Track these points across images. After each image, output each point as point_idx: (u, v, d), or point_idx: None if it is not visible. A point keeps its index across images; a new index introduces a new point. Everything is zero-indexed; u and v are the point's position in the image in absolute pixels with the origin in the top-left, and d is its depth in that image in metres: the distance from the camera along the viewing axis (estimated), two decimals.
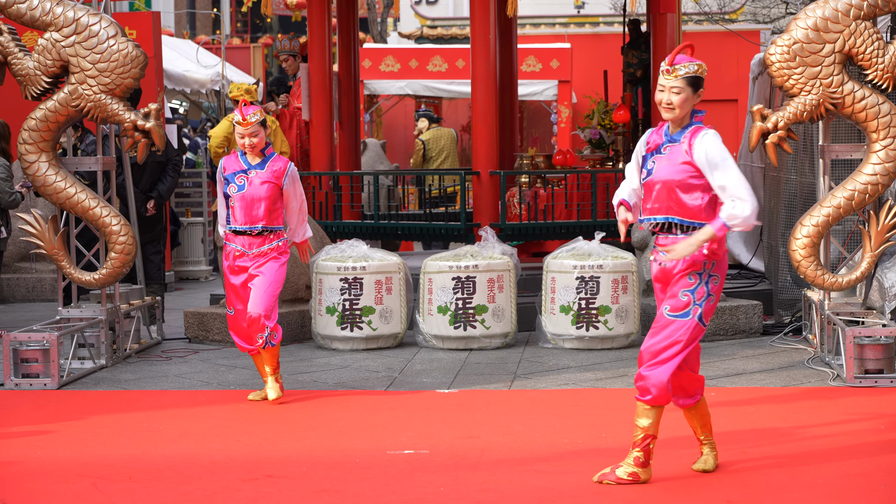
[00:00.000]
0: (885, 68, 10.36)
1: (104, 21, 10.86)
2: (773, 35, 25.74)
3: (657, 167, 7.13)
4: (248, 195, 9.69)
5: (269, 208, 9.72)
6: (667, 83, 7.08)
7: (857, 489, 7.02)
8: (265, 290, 9.64)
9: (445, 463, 7.80)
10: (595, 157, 16.09)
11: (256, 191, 9.68)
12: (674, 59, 7.09)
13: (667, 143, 7.15)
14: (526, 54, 24.28)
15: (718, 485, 7.18)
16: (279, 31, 41.12)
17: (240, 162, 9.81)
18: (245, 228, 9.71)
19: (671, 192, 7.11)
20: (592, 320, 11.90)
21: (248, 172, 9.75)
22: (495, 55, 13.82)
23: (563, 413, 9.21)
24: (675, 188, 7.09)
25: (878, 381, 10.01)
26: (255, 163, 9.78)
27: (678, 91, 7.06)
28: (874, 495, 6.92)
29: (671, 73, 7.06)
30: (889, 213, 10.50)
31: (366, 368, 11.19)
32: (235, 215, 9.75)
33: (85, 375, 11.01)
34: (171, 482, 7.47)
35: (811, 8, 10.44)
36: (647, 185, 7.21)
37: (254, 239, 9.72)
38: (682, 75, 7.06)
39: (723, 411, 9.11)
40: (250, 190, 9.69)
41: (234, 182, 9.75)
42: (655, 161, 7.15)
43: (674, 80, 7.06)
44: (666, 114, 7.12)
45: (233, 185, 9.75)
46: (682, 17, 15.81)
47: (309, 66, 15.52)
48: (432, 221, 14.70)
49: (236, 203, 9.73)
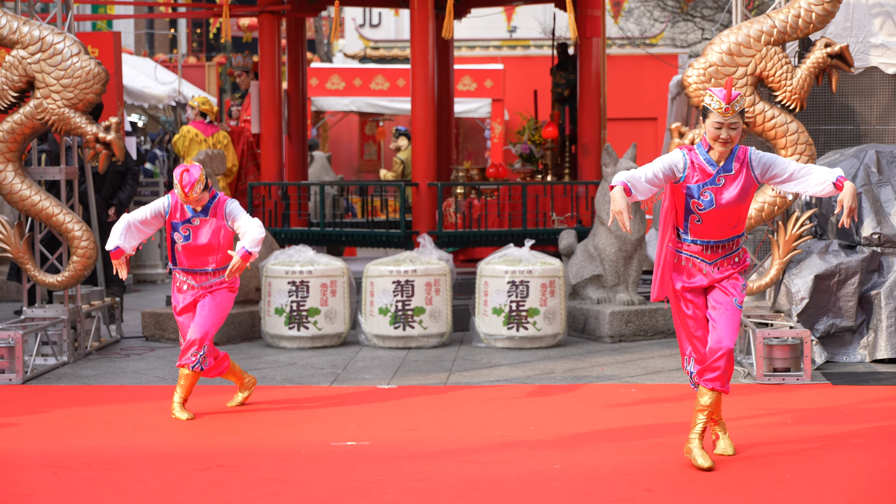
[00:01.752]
0: (793, 90, 10.44)
1: (68, 40, 10.79)
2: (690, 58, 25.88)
3: (721, 198, 7.07)
4: (193, 246, 8.86)
5: (217, 251, 8.92)
6: (725, 120, 6.96)
7: (764, 478, 7.06)
8: (208, 315, 8.89)
9: (385, 454, 7.78)
10: (525, 171, 16.12)
11: (202, 240, 8.84)
12: (731, 97, 6.97)
13: (720, 174, 7.07)
14: (462, 74, 24.34)
15: (639, 474, 7.20)
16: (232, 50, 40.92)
17: (185, 210, 8.87)
18: (194, 270, 8.98)
19: (742, 216, 7.20)
20: (522, 321, 11.92)
21: (193, 221, 8.86)
22: (433, 75, 13.82)
23: (494, 407, 9.21)
24: (744, 212, 7.19)
25: (786, 378, 10.08)
26: (199, 210, 8.86)
27: (736, 126, 7.00)
28: (781, 484, 6.95)
29: (729, 111, 6.95)
30: (796, 223, 10.59)
31: (311, 365, 11.16)
32: (181, 260, 8.97)
33: (48, 371, 10.92)
34: (129, 471, 7.42)
35: (725, 34, 10.51)
36: (709, 215, 7.12)
37: (203, 276, 8.97)
38: (738, 111, 6.99)
39: (642, 407, 9.16)
40: (196, 240, 8.84)
41: (179, 231, 8.87)
42: (712, 192, 7.07)
43: (732, 118, 6.97)
44: (721, 147, 7.03)
45: (178, 235, 8.87)
46: (606, 41, 15.88)
47: (260, 83, 15.50)
48: (374, 229, 14.68)
49: (182, 251, 8.93)
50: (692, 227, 7.23)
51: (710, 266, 7.27)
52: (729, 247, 7.28)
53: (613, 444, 7.89)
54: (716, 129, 7.01)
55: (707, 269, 7.26)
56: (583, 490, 6.93)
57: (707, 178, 7.09)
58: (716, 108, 6.98)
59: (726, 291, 7.28)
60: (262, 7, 15.40)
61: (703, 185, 7.08)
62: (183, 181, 8.64)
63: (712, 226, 7.18)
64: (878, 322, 10.95)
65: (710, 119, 7.03)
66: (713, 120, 7.00)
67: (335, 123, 26.33)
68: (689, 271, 7.32)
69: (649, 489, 6.91)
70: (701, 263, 7.27)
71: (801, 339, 10.20)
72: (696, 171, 7.10)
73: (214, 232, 8.87)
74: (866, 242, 11.10)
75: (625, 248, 12.45)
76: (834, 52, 10.48)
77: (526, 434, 8.29)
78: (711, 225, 7.18)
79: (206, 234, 8.86)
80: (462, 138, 26.23)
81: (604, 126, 15.27)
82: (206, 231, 8.87)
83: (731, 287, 7.29)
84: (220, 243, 8.91)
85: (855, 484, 6.99)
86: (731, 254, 7.28)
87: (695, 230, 7.22)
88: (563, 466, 7.41)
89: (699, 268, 7.27)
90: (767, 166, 7.13)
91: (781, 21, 10.41)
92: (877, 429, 8.36)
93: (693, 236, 7.24)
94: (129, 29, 34.23)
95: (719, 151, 7.07)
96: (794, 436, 8.13)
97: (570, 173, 15.82)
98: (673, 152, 7.23)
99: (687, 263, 7.31)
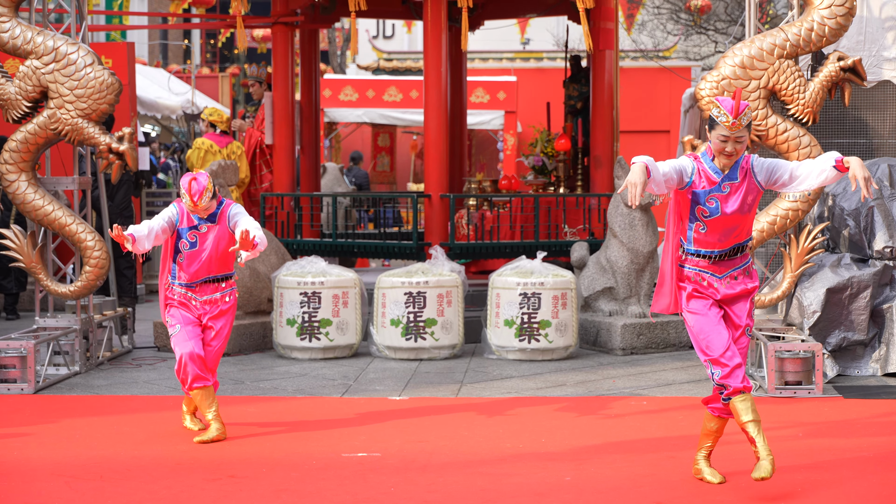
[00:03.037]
0: (805, 103, 10.45)
1: (82, 50, 10.83)
2: (703, 71, 25.87)
3: (726, 206, 6.98)
4: (200, 252, 8.62)
5: (221, 259, 8.69)
6: (731, 134, 6.86)
7: (774, 491, 7.05)
8: (215, 352, 8.75)
9: (396, 465, 7.79)
10: (538, 183, 16.12)
11: (208, 247, 8.60)
12: (739, 111, 6.87)
13: (725, 182, 6.99)
14: (475, 86, 24.36)
15: (649, 486, 7.20)
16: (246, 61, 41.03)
17: (191, 216, 8.67)
18: (193, 283, 8.70)
19: (747, 223, 7.09)
20: (534, 333, 11.92)
21: (200, 227, 8.63)
22: (446, 87, 13.83)
23: (505, 419, 9.21)
24: (750, 219, 7.09)
25: (797, 391, 10.07)
26: (205, 216, 8.64)
27: (742, 140, 6.91)
28: (792, 497, 6.94)
29: (736, 125, 6.85)
30: (808, 237, 10.59)
31: (323, 377, 11.16)
32: (184, 270, 8.68)
33: (60, 381, 10.94)
34: (140, 481, 7.43)
35: (738, 47, 10.52)
36: (714, 223, 7.03)
37: (202, 287, 8.72)
38: (745, 124, 6.89)
39: (654, 418, 9.15)
40: (203, 246, 8.61)
41: (185, 238, 8.63)
42: (718, 200, 6.98)
43: (739, 131, 6.87)
44: (725, 160, 6.96)
45: (184, 242, 8.62)
46: (619, 54, 15.88)
47: (273, 94, 15.53)
48: (386, 241, 14.69)
49: (185, 260, 8.65)
50: (696, 237, 7.10)
51: (720, 280, 7.12)
52: (736, 259, 7.15)
53: (624, 457, 7.88)
54: (721, 141, 6.92)
55: (717, 283, 7.12)
56: (593, 502, 6.93)
57: (713, 186, 7.00)
58: (723, 121, 6.86)
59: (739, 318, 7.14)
60: (276, 18, 15.43)
61: (708, 191, 7.00)
62: (192, 190, 8.47)
63: (717, 234, 7.05)
64: (890, 335, 10.94)
65: (716, 131, 6.93)
66: (719, 133, 6.90)
67: (348, 135, 26.37)
68: (698, 283, 7.17)
69: (659, 502, 6.91)
70: (710, 278, 7.12)
71: (813, 352, 10.19)
72: (703, 179, 7.04)
73: (219, 238, 8.63)
74: (878, 256, 11.09)
75: (637, 260, 12.45)
76: (847, 65, 10.49)
77: (537, 446, 8.29)
78: (716, 233, 7.05)
79: (211, 241, 8.63)
80: (475, 150, 26.25)
81: (616, 138, 15.28)
82: (212, 238, 8.63)
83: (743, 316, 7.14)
84: (224, 251, 8.67)
85: (866, 498, 6.99)
86: (739, 267, 7.16)
87: (699, 240, 7.09)
88: (574, 479, 7.41)
89: (709, 282, 7.16)
90: (770, 171, 7.05)
91: (794, 34, 10.41)
92: (888, 442, 8.35)
93: (697, 246, 7.10)
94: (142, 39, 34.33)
95: (723, 162, 7.02)
96: (806, 449, 8.12)
97: (583, 185, 15.82)
98: (682, 158, 7.18)
99: (696, 278, 7.16)
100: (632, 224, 12.41)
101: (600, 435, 8.61)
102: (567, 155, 15.98)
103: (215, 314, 8.74)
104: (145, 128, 24.60)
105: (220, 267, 8.72)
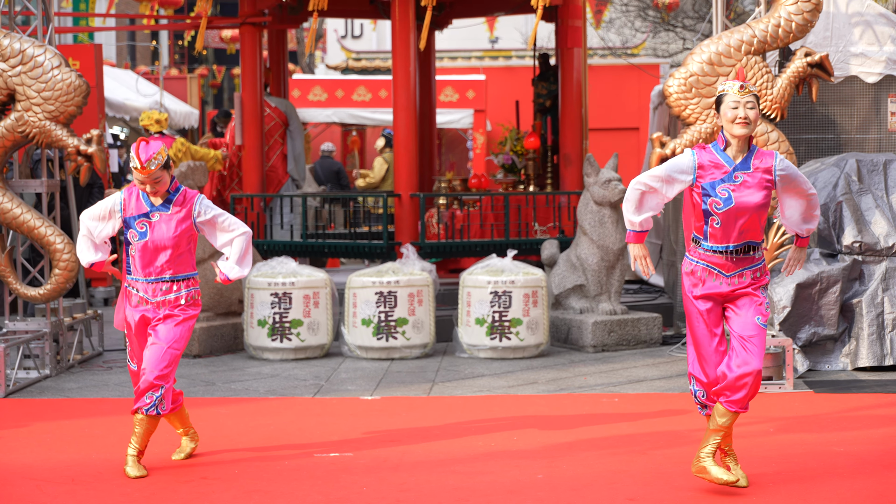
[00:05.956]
0: (773, 99, 10.49)
1: (49, 52, 10.79)
2: (671, 68, 25.96)
3: (739, 196, 6.88)
4: (150, 244, 7.54)
5: (177, 255, 7.59)
6: (741, 99, 6.85)
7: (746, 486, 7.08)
8: (167, 352, 7.56)
9: (368, 465, 7.79)
10: (508, 181, 16.14)
11: (160, 238, 7.53)
12: (743, 76, 6.95)
13: (738, 171, 6.90)
14: (444, 85, 24.39)
15: (621, 483, 7.22)
16: (214, 62, 40.98)
17: (141, 203, 7.62)
18: (147, 280, 7.63)
19: (761, 218, 6.96)
20: (505, 332, 11.93)
21: (151, 216, 7.56)
22: (415, 86, 13.84)
23: (477, 418, 9.22)
24: (763, 214, 6.97)
25: (768, 387, 10.11)
26: (158, 203, 7.59)
27: (752, 105, 6.87)
28: (764, 492, 6.97)
29: (744, 89, 6.86)
30: (777, 233, 10.62)
31: (294, 377, 11.15)
32: (136, 265, 7.63)
33: (30, 384, 10.89)
34: (112, 484, 7.41)
35: (706, 43, 10.55)
36: (727, 214, 6.90)
37: (157, 286, 7.63)
38: (752, 91, 6.89)
39: (625, 416, 9.17)
40: (153, 237, 7.53)
41: (134, 228, 7.57)
42: (730, 190, 6.88)
43: (748, 96, 6.86)
44: (740, 129, 6.85)
45: (133, 232, 7.57)
46: (587, 52, 15.92)
47: (242, 95, 15.49)
48: (357, 240, 14.69)
49: (136, 253, 7.59)
50: (711, 232, 6.99)
51: (727, 278, 7.01)
52: (748, 258, 7.02)
53: (596, 454, 7.91)
54: (733, 109, 6.86)
55: (723, 279, 7.01)
56: (566, 499, 6.94)
57: (724, 175, 6.91)
58: (730, 87, 6.89)
59: (748, 310, 7.03)
60: (244, 19, 15.40)
61: (719, 181, 6.90)
62: (140, 153, 7.40)
63: (730, 228, 6.93)
64: (860, 330, 10.99)
65: (725, 103, 6.90)
66: (730, 100, 6.88)
67: (317, 135, 26.35)
68: (705, 279, 7.07)
69: (632, 498, 6.93)
70: (719, 274, 7.03)
71: (783, 347, 10.23)
72: (709, 170, 6.94)
73: (175, 229, 7.56)
74: (847, 251, 11.14)
75: (607, 257, 12.48)
76: (814, 61, 10.53)
77: (509, 444, 8.30)
78: (729, 227, 6.93)
79: (165, 231, 7.56)
80: (444, 149, 26.28)
81: (585, 136, 15.31)
82: (166, 228, 7.55)
83: (753, 307, 7.03)
84: (180, 245, 7.62)
85: (837, 492, 7.02)
86: (750, 267, 7.03)
87: (714, 234, 6.98)
88: (547, 476, 7.43)
89: (715, 276, 7.05)
90: (791, 179, 7.00)
91: (762, 31, 10.45)
92: (858, 437, 8.39)
93: (712, 242, 6.99)
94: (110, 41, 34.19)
95: (737, 142, 6.91)
96: (776, 444, 8.16)
97: (553, 183, 15.85)
98: (683, 154, 7.12)
99: (703, 273, 7.07)
100: (602, 221, 12.44)
101: (572, 432, 8.63)
102: (536, 153, 16.00)
103: (165, 316, 7.67)
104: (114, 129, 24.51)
105: (177, 265, 7.66)
